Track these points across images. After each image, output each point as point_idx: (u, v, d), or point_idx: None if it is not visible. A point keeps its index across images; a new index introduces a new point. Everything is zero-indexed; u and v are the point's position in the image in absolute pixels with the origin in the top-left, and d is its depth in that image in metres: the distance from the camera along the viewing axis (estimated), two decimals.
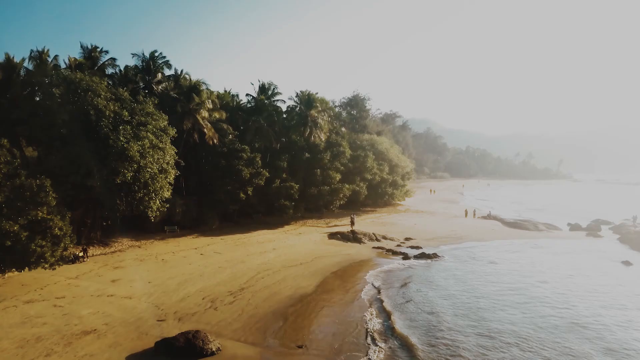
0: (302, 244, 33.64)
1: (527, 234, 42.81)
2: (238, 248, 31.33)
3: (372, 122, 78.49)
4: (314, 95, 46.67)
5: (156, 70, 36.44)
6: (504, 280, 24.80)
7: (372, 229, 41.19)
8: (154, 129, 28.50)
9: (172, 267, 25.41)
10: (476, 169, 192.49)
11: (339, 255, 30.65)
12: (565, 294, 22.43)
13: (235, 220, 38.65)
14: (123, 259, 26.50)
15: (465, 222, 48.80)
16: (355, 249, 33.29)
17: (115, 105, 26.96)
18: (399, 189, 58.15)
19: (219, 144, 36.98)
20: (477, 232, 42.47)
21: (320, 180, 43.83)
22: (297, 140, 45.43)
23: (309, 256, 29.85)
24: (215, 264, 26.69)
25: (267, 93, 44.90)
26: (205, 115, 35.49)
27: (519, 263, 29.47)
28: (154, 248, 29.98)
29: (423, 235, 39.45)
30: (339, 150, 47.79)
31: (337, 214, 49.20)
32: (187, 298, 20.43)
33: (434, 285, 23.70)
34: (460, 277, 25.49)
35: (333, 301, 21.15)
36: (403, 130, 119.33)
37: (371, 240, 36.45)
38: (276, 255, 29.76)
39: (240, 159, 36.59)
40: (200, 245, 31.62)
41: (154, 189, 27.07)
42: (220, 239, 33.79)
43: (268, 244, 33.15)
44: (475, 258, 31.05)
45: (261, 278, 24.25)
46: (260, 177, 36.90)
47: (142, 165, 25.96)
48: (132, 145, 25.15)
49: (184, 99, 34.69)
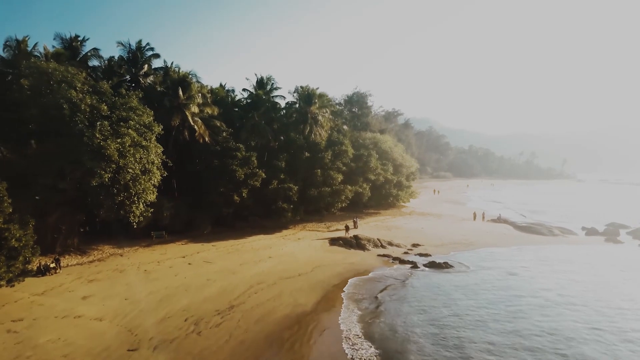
0: (301, 251, 30.90)
1: (541, 239, 40.06)
2: (231, 256, 28.58)
3: (375, 120, 75.57)
4: (314, 90, 43.83)
5: (143, 62, 33.58)
6: (533, 304, 21.16)
7: (377, 233, 38.45)
8: (137, 125, 25.74)
9: (154, 280, 22.68)
10: (479, 168, 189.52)
11: (341, 265, 27.93)
12: (618, 322, 18.69)
13: (230, 224, 35.89)
14: (100, 270, 23.75)
15: (475, 226, 46.04)
16: (358, 257, 30.56)
17: (92, 98, 24.18)
18: (404, 190, 55.27)
19: (212, 142, 34.17)
20: (489, 237, 39.75)
21: (320, 181, 41.06)
22: (296, 138, 42.60)
23: (308, 266, 27.12)
24: (204, 275, 23.97)
25: (265, 88, 42.06)
26: (195, 110, 32.63)
27: (542, 275, 26.62)
28: (137, 256, 27.23)
29: (431, 241, 36.71)
30: (340, 149, 44.92)
31: (339, 216, 46.43)
32: (167, 319, 17.71)
33: (455, 307, 20.58)
34: (481, 295, 22.38)
35: (336, 323, 18.43)
36: (405, 128, 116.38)
37: (376, 246, 33.69)
38: (272, 264, 27.03)
39: (235, 159, 33.81)
40: (189, 252, 28.88)
41: (135, 191, 24.30)
42: (211, 246, 31.04)
43: (264, 251, 30.41)
44: (492, 268, 28.31)
45: (254, 293, 21.53)
46: (256, 178, 34.11)
47: (121, 165, 23.20)
48: (109, 143, 22.38)
49: (171, 92, 31.84)
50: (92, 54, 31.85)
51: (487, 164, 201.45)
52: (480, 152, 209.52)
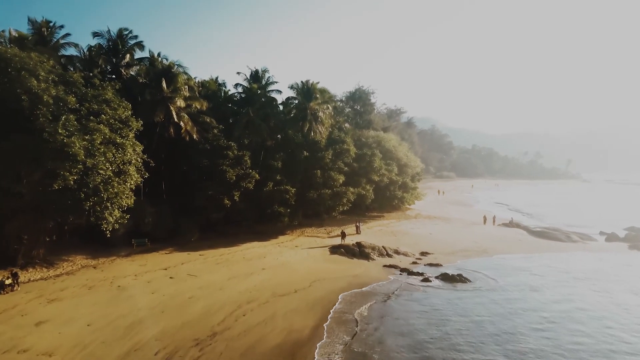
0: (299, 262, 27.80)
1: (559, 246, 36.89)
2: (219, 268, 25.47)
3: (378, 118, 72.25)
4: (314, 84, 40.61)
5: (126, 51, 30.41)
6: (571, 329, 18.10)
7: (381, 240, 35.32)
8: (111, 119, 22.62)
9: (127, 299, 19.58)
10: (482, 168, 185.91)
11: (344, 278, 24.80)
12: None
13: (220, 230, 32.74)
14: (66, 287, 20.65)
15: (486, 231, 42.87)
16: (362, 267, 27.44)
17: (58, 89, 21.05)
18: (409, 192, 52.01)
19: (200, 140, 31.00)
20: (502, 244, 36.59)
21: (320, 183, 37.88)
22: (294, 136, 39.42)
23: (306, 279, 24.02)
24: (186, 292, 20.88)
25: (260, 82, 38.84)
26: (181, 104, 29.45)
27: (575, 292, 23.39)
28: (112, 269, 24.13)
29: (441, 248, 33.57)
30: (342, 148, 41.66)
31: (340, 220, 43.30)
32: (133, 353, 14.61)
33: (478, 332, 17.63)
34: (506, 323, 19.18)
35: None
36: (408, 127, 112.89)
37: (381, 255, 30.56)
38: (265, 277, 23.93)
39: (226, 158, 30.66)
40: (172, 263, 25.78)
41: (107, 196, 21.18)
42: (198, 255, 27.94)
43: (257, 261, 27.30)
44: (511, 282, 25.15)
45: (242, 315, 18.44)
46: (249, 180, 30.96)
47: (89, 166, 20.07)
48: (74, 141, 19.24)
49: (154, 84, 28.66)
50: (66, 42, 28.58)
51: (491, 163, 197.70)
52: (484, 151, 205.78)
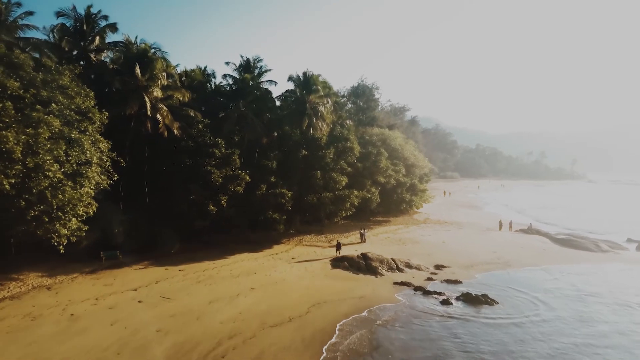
0: (295, 279, 23.74)
1: (590, 257, 32.78)
2: (200, 288, 21.43)
3: (382, 114, 68.04)
4: (315, 76, 36.45)
5: (96, 33, 26.28)
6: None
7: (389, 249, 31.30)
8: (65, 110, 18.56)
9: (78, 334, 15.55)
10: (487, 168, 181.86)
11: (348, 301, 20.73)
12: None
13: (206, 239, 28.67)
14: (4, 317, 16.56)
15: (504, 238, 38.77)
16: (370, 286, 23.36)
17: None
18: (418, 194, 47.82)
19: (182, 136, 26.91)
20: (526, 254, 32.48)
21: (321, 185, 33.80)
22: (292, 133, 35.35)
23: (303, 302, 19.98)
24: (155, 322, 16.85)
25: (252, 72, 34.73)
26: (159, 94, 25.33)
27: (633, 320, 19.35)
28: (70, 290, 20.07)
29: (458, 260, 29.49)
30: (345, 147, 37.50)
31: (342, 226, 39.29)
32: None
33: None
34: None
35: None
36: (412, 125, 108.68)
37: (391, 269, 26.49)
38: (254, 300, 19.90)
39: (212, 157, 26.61)
40: (145, 282, 21.73)
41: (57, 203, 17.14)
42: (178, 271, 23.89)
43: (245, 278, 23.24)
44: (548, 305, 21.01)
45: (220, 358, 14.40)
46: (239, 182, 26.90)
47: (31, 166, 16.02)
48: (8, 135, 15.19)
49: (127, 71, 24.58)
50: (26, 24, 24.40)
51: (495, 163, 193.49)
52: (488, 151, 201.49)
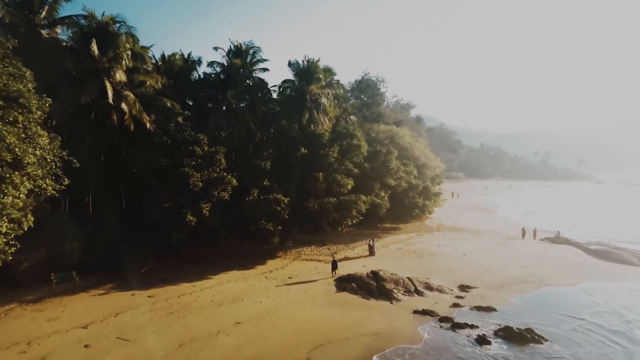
0: (292, 307, 19.09)
1: (636, 273, 28.14)
2: (170, 322, 16.79)
3: (388, 110, 63.35)
4: (316, 62, 31.80)
5: (45, 3, 21.40)
6: None
7: (403, 265, 26.72)
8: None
9: None
10: (492, 168, 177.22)
11: (360, 338, 16.11)
12: None
13: (185, 253, 24.05)
14: None
15: (530, 248, 34.07)
16: (385, 316, 18.69)
17: None
18: (432, 198, 43.06)
19: (156, 130, 22.29)
20: (561, 269, 27.79)
21: (323, 189, 29.17)
22: (289, 129, 30.72)
23: (301, 344, 15.37)
24: None
25: (244, 58, 30.11)
26: (123, 78, 20.58)
27: None
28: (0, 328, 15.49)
29: (485, 278, 24.84)
30: (350, 144, 32.72)
31: (347, 235, 34.65)
32: None
33: None
34: None
35: None
36: (418, 123, 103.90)
37: (408, 292, 21.83)
38: (239, 342, 15.27)
39: (192, 156, 21.99)
40: (100, 314, 17.10)
41: None
42: (147, 297, 19.26)
43: (230, 308, 18.60)
44: (614, 339, 16.43)
45: None
46: (224, 187, 22.27)
47: None
48: None
49: (81, 48, 19.91)
50: None
51: (501, 163, 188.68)
52: (493, 150, 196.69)
